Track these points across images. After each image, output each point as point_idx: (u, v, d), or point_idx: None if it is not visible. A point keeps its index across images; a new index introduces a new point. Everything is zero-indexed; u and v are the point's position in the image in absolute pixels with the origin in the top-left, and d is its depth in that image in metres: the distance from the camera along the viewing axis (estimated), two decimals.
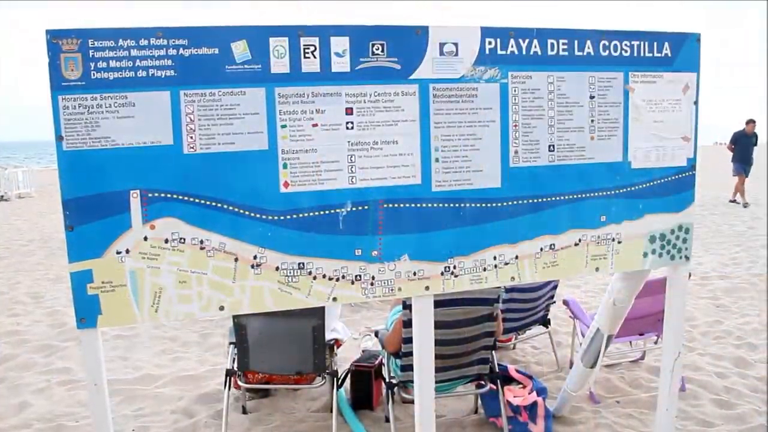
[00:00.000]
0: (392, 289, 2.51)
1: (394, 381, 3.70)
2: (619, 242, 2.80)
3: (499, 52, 2.52)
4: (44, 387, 4.69)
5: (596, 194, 2.73)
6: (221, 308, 2.35)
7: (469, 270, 2.59)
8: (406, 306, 3.36)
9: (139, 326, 5.97)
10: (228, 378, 3.81)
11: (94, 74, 2.14)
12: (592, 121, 2.69)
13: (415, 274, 2.53)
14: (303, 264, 2.40)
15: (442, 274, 2.56)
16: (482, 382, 3.79)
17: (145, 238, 2.24)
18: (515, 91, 2.56)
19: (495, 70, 2.52)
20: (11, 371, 5.05)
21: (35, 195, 21.61)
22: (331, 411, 3.85)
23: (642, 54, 2.72)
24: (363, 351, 4.68)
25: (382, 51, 2.38)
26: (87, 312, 2.23)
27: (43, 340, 5.82)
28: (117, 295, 2.24)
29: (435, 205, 2.52)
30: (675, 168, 2.83)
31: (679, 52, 2.76)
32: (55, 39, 2.10)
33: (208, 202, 2.28)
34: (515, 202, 2.62)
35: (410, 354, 3.01)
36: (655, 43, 2.73)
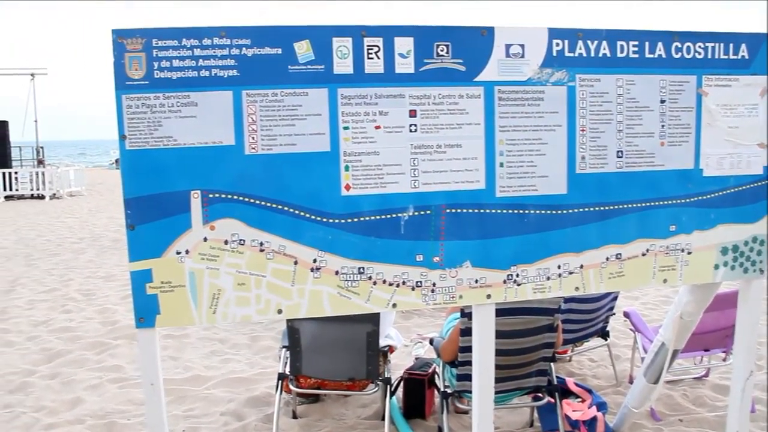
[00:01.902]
0: (453, 297, 2.44)
1: (448, 390, 3.62)
2: (689, 253, 2.67)
3: (567, 54, 2.43)
4: (97, 384, 4.76)
5: (666, 203, 2.61)
6: (279, 311, 2.31)
7: (532, 279, 2.51)
8: (465, 314, 3.28)
9: (188, 327, 6.01)
10: (280, 382, 3.79)
11: (157, 74, 2.13)
12: (663, 126, 2.58)
13: (476, 281, 2.45)
14: (363, 269, 2.34)
15: (504, 282, 2.48)
16: (539, 395, 3.68)
17: (205, 239, 2.22)
18: (583, 94, 2.47)
19: (563, 72, 2.43)
20: (65, 366, 5.14)
21: (86, 193, 22.17)
22: (383, 419, 3.80)
23: (717, 56, 2.59)
24: (416, 358, 4.61)
25: (447, 52, 2.32)
26: (146, 311, 2.22)
27: (94, 338, 5.91)
28: (176, 296, 2.23)
29: (498, 211, 2.44)
30: (750, 176, 2.69)
31: (756, 54, 2.62)
32: (121, 39, 2.10)
33: (268, 204, 2.24)
34: (581, 210, 2.52)
35: (466, 363, 2.94)
36: (731, 45, 2.59)
